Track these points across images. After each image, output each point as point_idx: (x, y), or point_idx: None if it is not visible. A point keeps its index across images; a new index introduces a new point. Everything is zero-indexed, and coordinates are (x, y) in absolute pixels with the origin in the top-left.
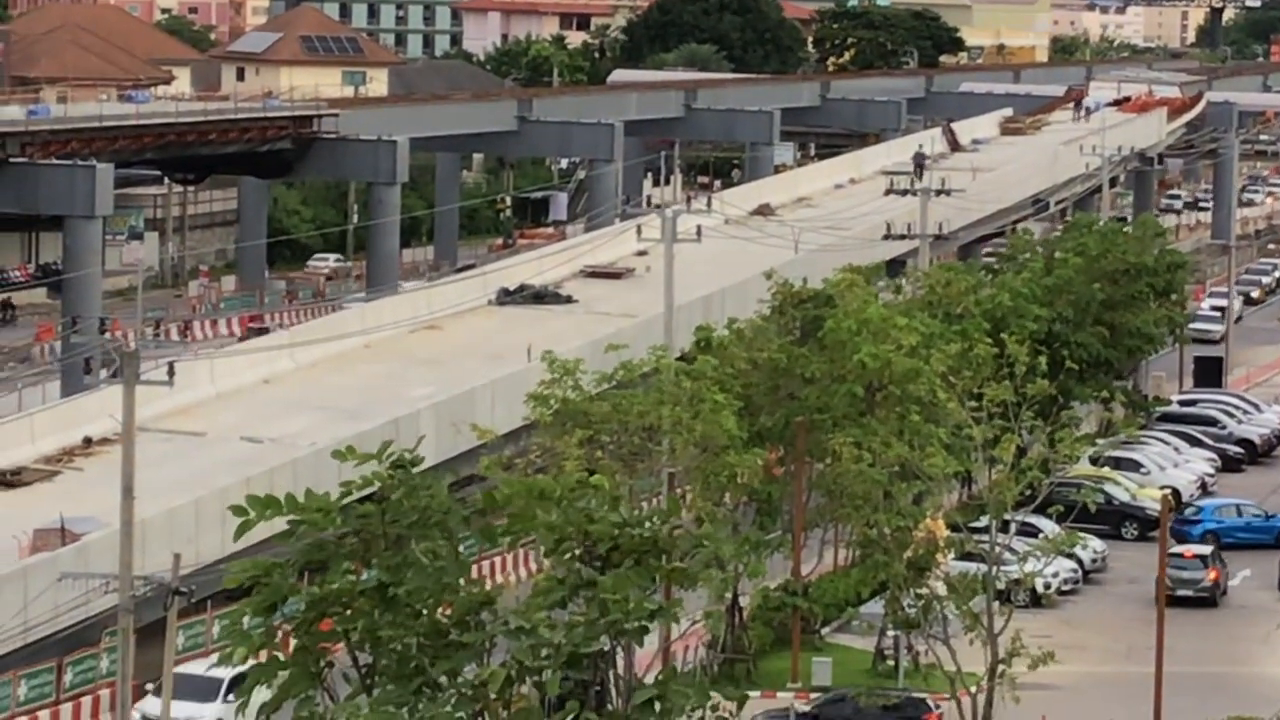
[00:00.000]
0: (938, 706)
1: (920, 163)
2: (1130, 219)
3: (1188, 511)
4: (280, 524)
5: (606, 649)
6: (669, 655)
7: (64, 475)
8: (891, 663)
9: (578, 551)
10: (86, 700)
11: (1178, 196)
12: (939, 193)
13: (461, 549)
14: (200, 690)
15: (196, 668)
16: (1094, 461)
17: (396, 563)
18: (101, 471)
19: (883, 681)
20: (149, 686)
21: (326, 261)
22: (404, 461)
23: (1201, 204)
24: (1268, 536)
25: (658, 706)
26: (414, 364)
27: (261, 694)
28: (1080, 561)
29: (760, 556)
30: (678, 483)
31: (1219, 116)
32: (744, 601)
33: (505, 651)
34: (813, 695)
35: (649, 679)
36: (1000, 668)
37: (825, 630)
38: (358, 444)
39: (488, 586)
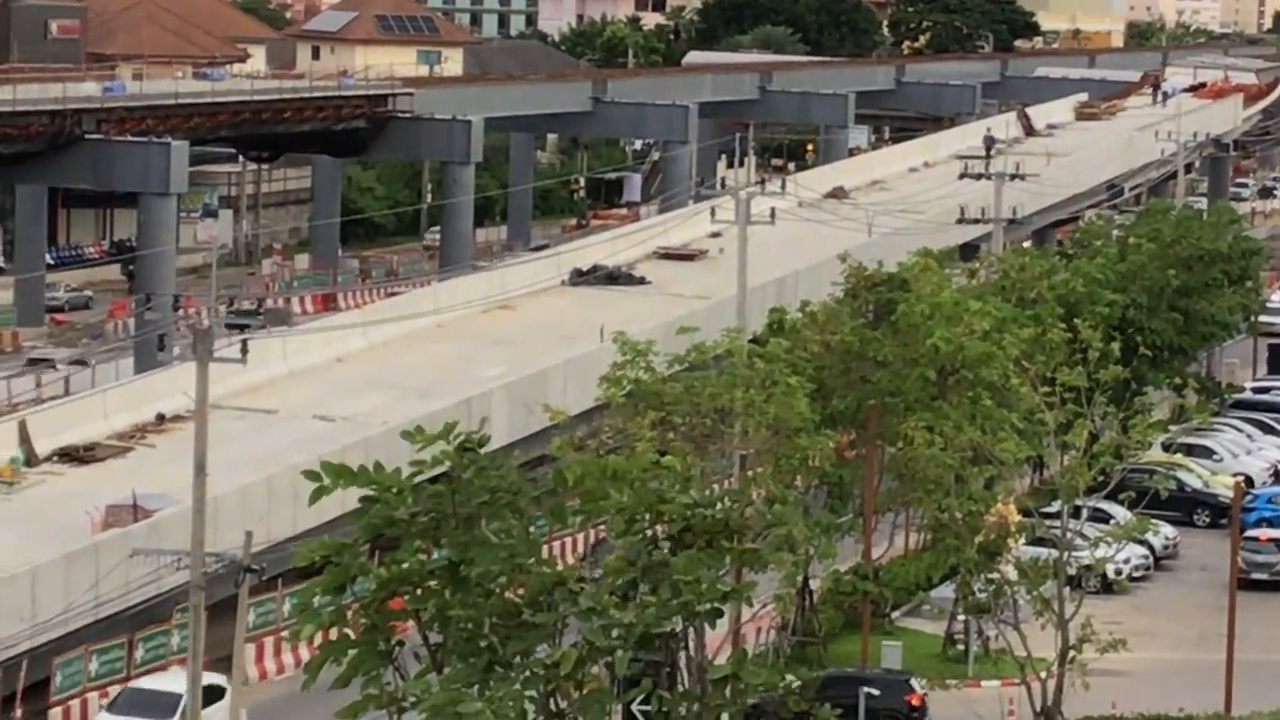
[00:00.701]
0: (924, 686)
1: (990, 146)
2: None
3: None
4: (351, 501)
5: (678, 630)
6: (739, 637)
7: (137, 452)
8: (961, 647)
9: (650, 532)
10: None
11: (1245, 184)
12: (1013, 177)
13: (531, 529)
14: (155, 707)
15: (151, 682)
16: (1166, 448)
17: (467, 542)
18: (174, 448)
19: (953, 666)
20: (102, 703)
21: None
22: (470, 444)
23: (1275, 191)
24: None
25: (731, 687)
26: (486, 344)
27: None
28: (1152, 548)
29: (831, 539)
30: (749, 465)
31: None
32: (814, 584)
33: (576, 632)
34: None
35: (719, 661)
36: (1070, 653)
37: (895, 614)
38: (429, 423)
39: (559, 567)
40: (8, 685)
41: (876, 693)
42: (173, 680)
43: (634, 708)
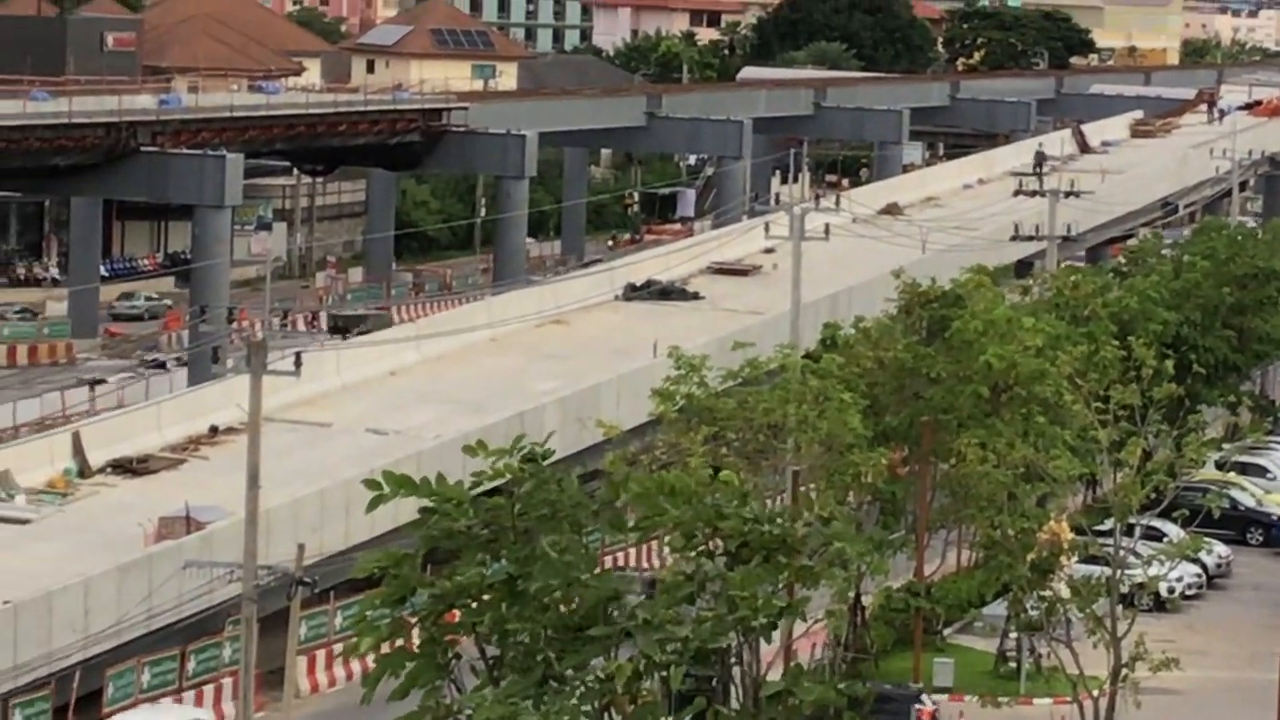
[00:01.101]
0: (934, 702)
1: (1040, 161)
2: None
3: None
4: (404, 515)
5: (733, 645)
6: (791, 653)
7: (190, 464)
8: (1014, 665)
9: (708, 547)
10: (209, 688)
11: None
12: (1068, 194)
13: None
14: None
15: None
16: (1220, 466)
17: (525, 556)
18: (227, 461)
19: (1005, 684)
20: None
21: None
22: (535, 455)
23: None
24: None
25: (784, 702)
26: (539, 358)
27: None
28: (1204, 566)
29: (883, 556)
30: (801, 481)
31: None
32: (866, 601)
33: (632, 646)
34: None
35: (771, 675)
36: (1123, 672)
37: (947, 631)
38: (483, 438)
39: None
40: (61, 696)
41: (932, 706)
42: (147, 716)
43: None
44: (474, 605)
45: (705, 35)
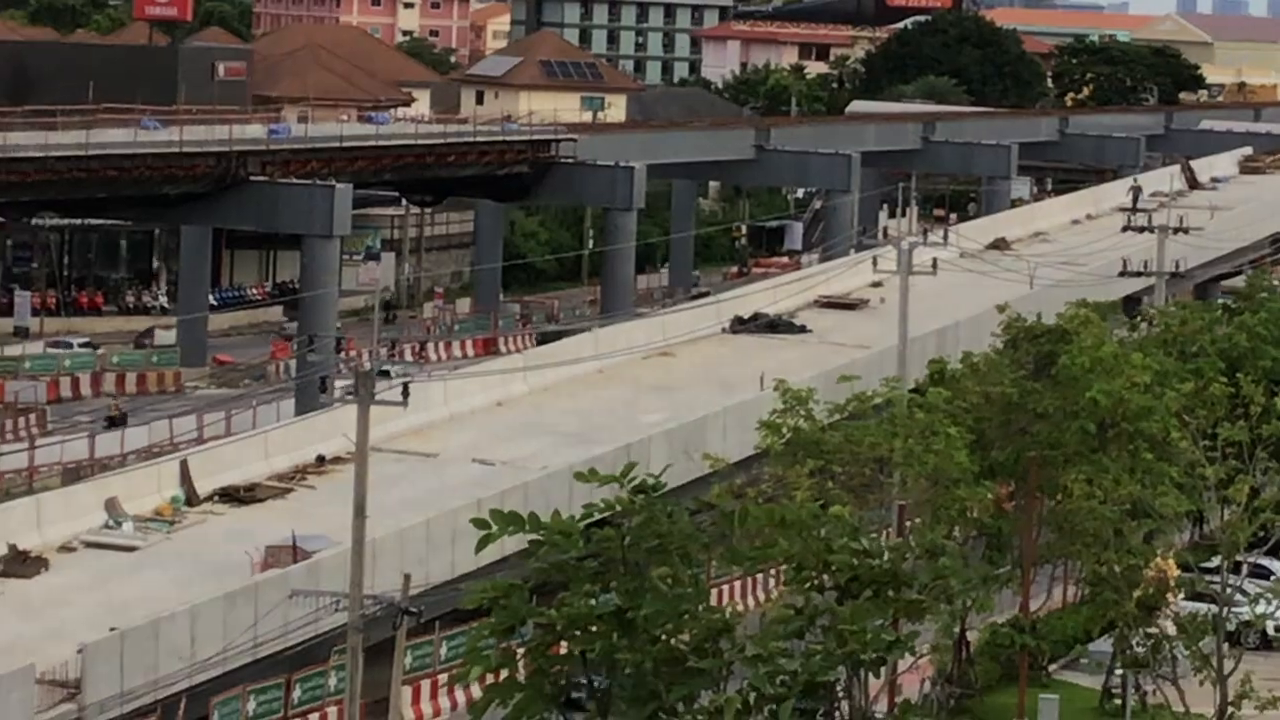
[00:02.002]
0: None
1: (1137, 196)
2: None
3: None
4: (509, 546)
5: (841, 679)
6: (896, 687)
7: (297, 493)
8: (1119, 702)
9: (818, 581)
10: (314, 717)
11: None
12: (1176, 230)
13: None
14: None
15: None
16: None
17: (634, 587)
18: (334, 490)
19: None
20: None
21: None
22: (646, 486)
23: None
24: None
25: None
26: (646, 390)
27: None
28: None
29: (989, 591)
30: (907, 515)
31: None
32: (972, 636)
33: (740, 679)
34: None
35: (877, 709)
36: (1229, 710)
37: (1053, 667)
38: (590, 469)
39: (726, 614)
40: None
41: None
42: None
43: None
44: (583, 636)
45: (814, 68)
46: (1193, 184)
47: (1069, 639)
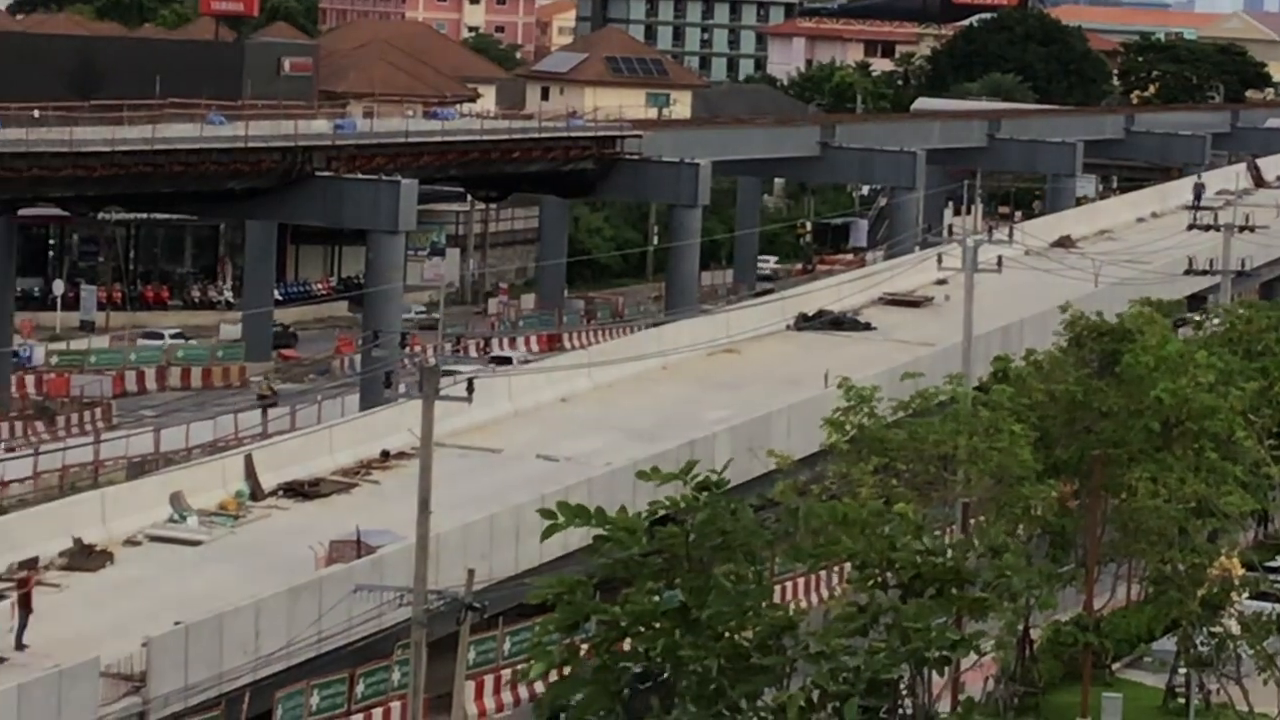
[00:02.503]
0: None
1: (1199, 193)
2: None
3: None
4: (572, 541)
5: (904, 677)
6: (959, 685)
7: (361, 488)
8: (1183, 701)
9: (881, 578)
10: (377, 712)
11: None
12: (1242, 229)
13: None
14: None
15: None
16: None
17: (698, 584)
18: (398, 485)
19: None
20: None
21: (768, 263)
22: (709, 483)
23: None
24: None
25: None
26: (710, 387)
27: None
28: None
29: (1052, 589)
30: (971, 513)
31: None
32: (1035, 634)
33: (804, 676)
34: None
35: (940, 708)
36: None
37: (1116, 666)
38: (654, 465)
39: (790, 611)
40: (230, 717)
41: None
42: None
43: None
44: (647, 633)
45: (879, 65)
46: (1259, 182)
47: (1133, 638)
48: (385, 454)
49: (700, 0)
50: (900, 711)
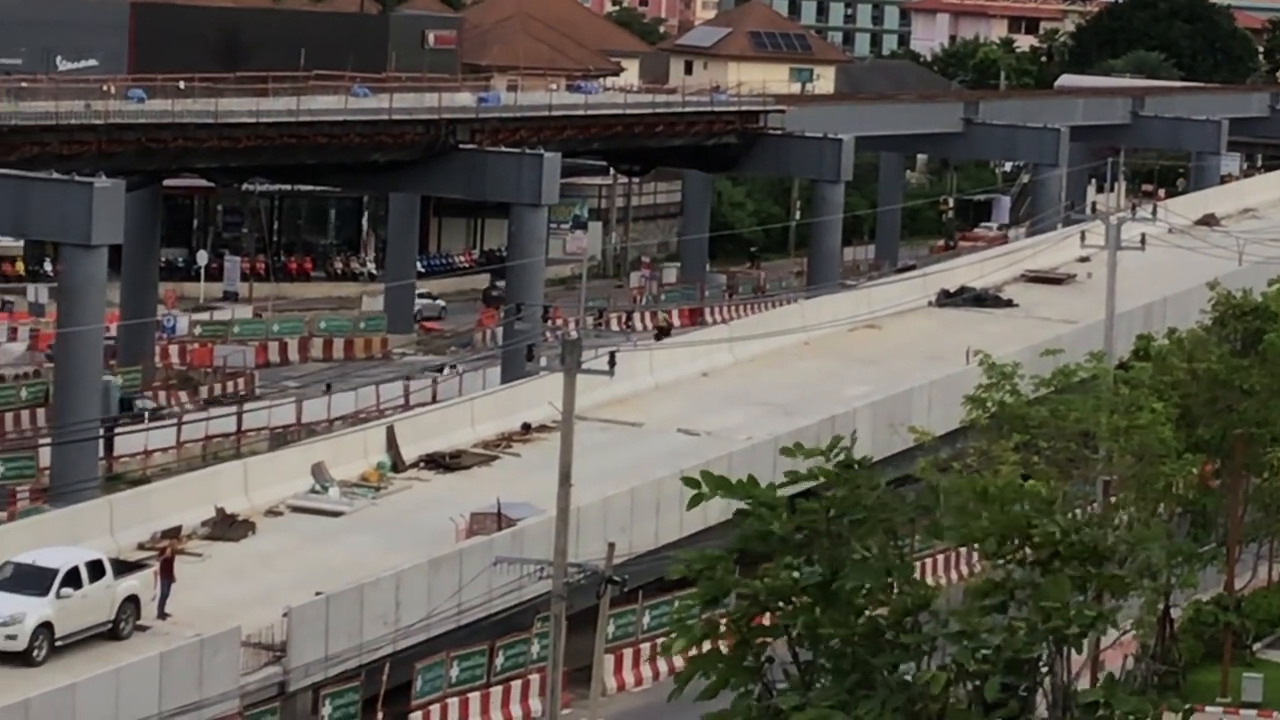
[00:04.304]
0: None
1: None
2: None
3: None
4: (712, 515)
5: (1045, 655)
6: (1099, 663)
7: (502, 460)
8: None
9: (1019, 555)
10: (516, 684)
11: None
12: None
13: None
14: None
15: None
16: None
17: (838, 559)
18: (539, 458)
19: None
20: None
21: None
22: (851, 460)
23: None
24: None
25: (1101, 714)
26: (851, 362)
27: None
28: None
29: (1193, 568)
30: (1112, 491)
31: None
32: (1175, 613)
33: (942, 653)
34: None
35: (1079, 685)
36: None
37: (1257, 646)
38: (795, 440)
39: (928, 588)
40: (370, 688)
41: None
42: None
43: None
44: (786, 608)
45: (1023, 42)
46: None
47: (1274, 618)
48: (526, 426)
49: None
50: (1040, 689)
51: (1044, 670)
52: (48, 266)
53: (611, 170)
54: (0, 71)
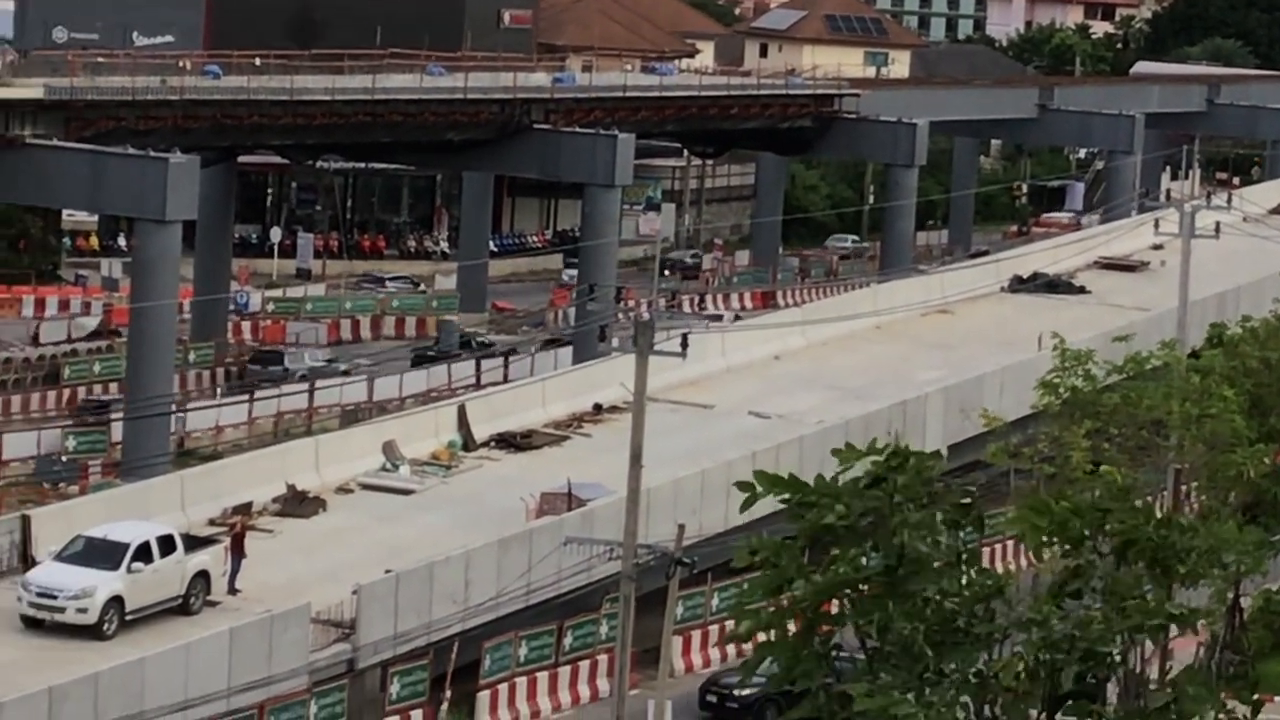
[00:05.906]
0: None
1: None
2: None
3: None
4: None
5: (1119, 647)
6: (1169, 652)
7: (573, 441)
8: None
9: (1091, 544)
10: (584, 664)
11: None
12: None
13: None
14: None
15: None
16: None
17: (901, 548)
18: (610, 439)
19: None
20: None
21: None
22: (900, 458)
23: None
24: None
25: (1175, 705)
26: (923, 347)
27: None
28: None
29: (1264, 557)
30: (1183, 479)
31: None
32: (1245, 603)
33: (1012, 642)
34: None
35: (1149, 673)
36: None
37: None
38: (864, 425)
39: (998, 576)
40: (439, 666)
41: None
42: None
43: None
44: (853, 597)
45: (1099, 28)
46: None
47: None
48: (598, 407)
49: None
50: (1113, 678)
51: (1117, 660)
52: (122, 241)
53: (685, 152)
54: (77, 46)
